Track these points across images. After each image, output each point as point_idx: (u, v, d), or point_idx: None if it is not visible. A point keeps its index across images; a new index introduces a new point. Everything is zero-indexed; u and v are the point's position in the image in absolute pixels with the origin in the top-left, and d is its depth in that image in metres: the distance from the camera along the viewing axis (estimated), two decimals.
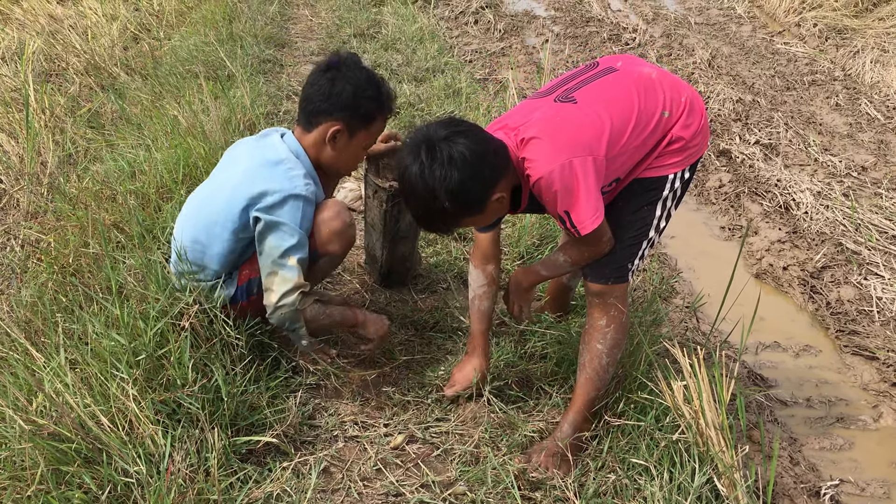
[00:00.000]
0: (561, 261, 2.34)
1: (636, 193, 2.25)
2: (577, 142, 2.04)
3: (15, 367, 2.28)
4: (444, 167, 1.96)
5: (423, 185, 1.98)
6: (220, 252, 2.51)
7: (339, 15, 7.21)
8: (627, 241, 2.27)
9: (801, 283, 3.68)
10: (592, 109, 2.10)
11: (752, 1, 8.36)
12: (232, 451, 2.27)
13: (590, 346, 2.35)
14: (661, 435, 2.26)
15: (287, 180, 2.42)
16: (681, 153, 2.20)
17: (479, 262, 2.54)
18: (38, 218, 3.65)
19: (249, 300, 2.61)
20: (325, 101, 2.46)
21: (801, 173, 4.59)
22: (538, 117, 2.11)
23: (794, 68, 6.43)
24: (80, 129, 4.55)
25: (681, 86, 2.25)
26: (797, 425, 2.88)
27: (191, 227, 2.55)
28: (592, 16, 7.74)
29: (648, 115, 2.13)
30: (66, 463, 2.04)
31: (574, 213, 2.06)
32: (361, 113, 2.48)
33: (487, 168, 2.01)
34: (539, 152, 2.05)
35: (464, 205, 2.03)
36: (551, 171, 2.01)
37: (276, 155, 2.46)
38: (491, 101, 5.35)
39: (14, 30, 6.30)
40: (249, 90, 4.71)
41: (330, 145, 2.50)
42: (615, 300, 2.31)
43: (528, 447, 2.45)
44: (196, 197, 2.63)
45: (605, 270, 2.29)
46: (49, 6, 7.05)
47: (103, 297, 2.60)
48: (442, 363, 2.81)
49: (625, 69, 2.23)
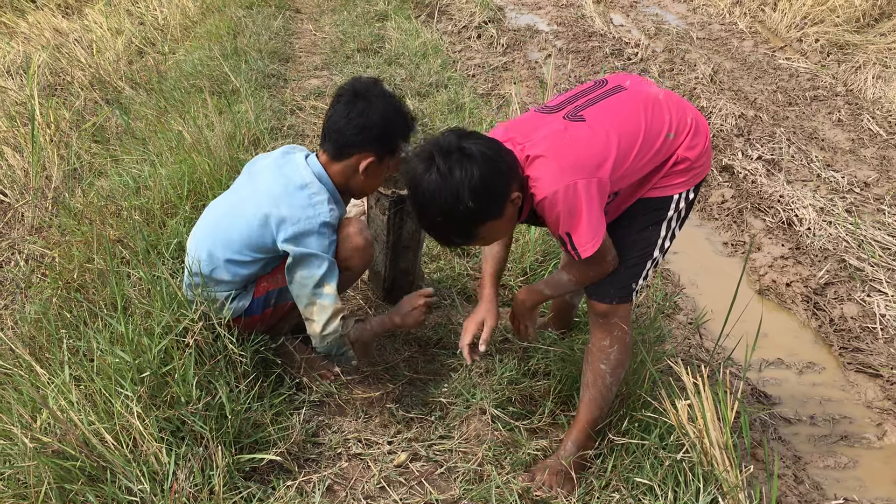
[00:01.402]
0: (565, 280, 2.33)
1: (641, 213, 2.26)
2: (583, 163, 2.03)
3: (19, 384, 2.28)
4: (462, 166, 1.94)
5: (444, 189, 1.95)
6: (236, 265, 2.52)
7: (343, 30, 7.24)
8: (632, 261, 2.27)
9: (805, 299, 3.68)
10: (602, 129, 2.09)
11: (753, 16, 8.39)
12: (236, 469, 2.26)
13: (593, 366, 2.35)
14: (665, 454, 2.25)
15: (311, 207, 2.43)
16: (686, 174, 2.20)
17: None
18: (42, 233, 3.67)
19: (264, 313, 2.62)
20: (357, 135, 2.47)
21: (803, 189, 4.60)
22: (545, 134, 2.10)
23: (796, 84, 6.45)
24: (85, 143, 4.57)
25: (686, 107, 2.25)
26: (801, 443, 2.88)
27: (207, 239, 2.56)
28: (595, 31, 7.78)
29: (654, 136, 2.13)
30: (70, 481, 2.04)
31: (575, 235, 2.06)
32: (392, 145, 2.53)
33: (504, 163, 2.01)
34: (544, 171, 2.04)
35: (487, 202, 1.99)
36: (555, 192, 2.00)
37: (301, 179, 2.48)
38: (494, 115, 5.37)
39: (20, 43, 6.35)
40: (254, 105, 4.74)
41: (362, 174, 2.53)
42: (619, 320, 2.30)
43: (532, 465, 2.44)
44: (215, 210, 2.64)
45: (610, 290, 2.28)
46: (55, 20, 7.10)
47: (108, 313, 2.61)
48: (446, 380, 2.81)
49: (633, 89, 2.24)
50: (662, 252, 2.33)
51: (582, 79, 6.46)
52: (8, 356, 2.55)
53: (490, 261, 2.58)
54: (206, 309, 2.50)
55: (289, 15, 8.02)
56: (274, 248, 2.48)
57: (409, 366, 2.91)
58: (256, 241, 2.47)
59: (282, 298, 2.62)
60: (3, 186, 4.06)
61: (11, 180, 4.07)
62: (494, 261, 2.58)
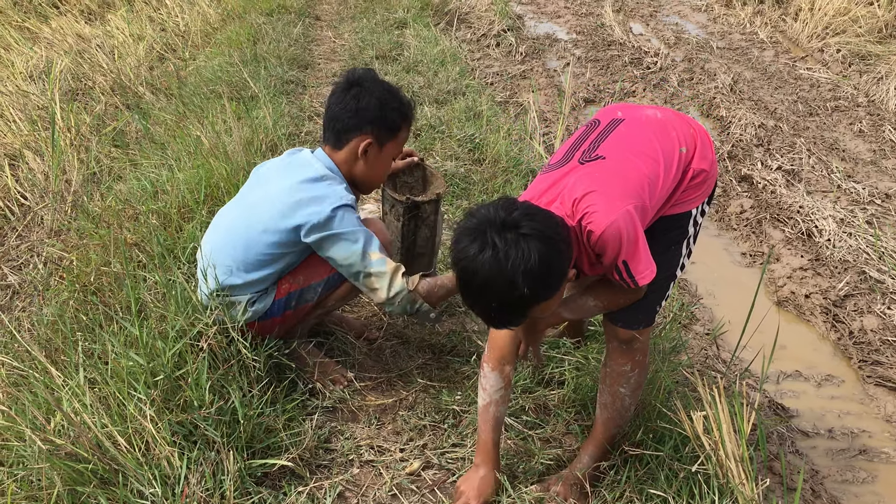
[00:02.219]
0: (591, 305, 2.20)
1: (662, 233, 2.18)
2: (628, 190, 1.96)
3: (34, 386, 2.29)
4: (519, 249, 1.74)
5: (499, 275, 1.75)
6: (256, 266, 2.53)
7: (362, 37, 7.27)
8: (657, 284, 2.14)
9: (824, 311, 3.64)
10: (625, 159, 2.03)
11: (774, 26, 8.34)
12: (247, 474, 2.26)
13: (612, 388, 2.31)
14: (679, 465, 2.23)
15: (332, 192, 2.48)
16: (702, 186, 2.17)
17: (497, 362, 2.27)
18: (61, 236, 3.70)
19: (284, 315, 2.63)
20: (353, 118, 2.53)
21: (823, 200, 4.55)
22: (577, 178, 2.00)
23: (816, 94, 6.40)
24: (105, 147, 4.60)
25: (684, 119, 2.21)
26: (819, 457, 2.84)
27: (225, 244, 2.56)
28: (614, 39, 7.75)
29: (670, 156, 2.08)
30: (82, 483, 2.04)
31: (633, 262, 1.97)
32: (388, 124, 2.56)
33: (562, 242, 1.84)
34: (598, 204, 1.93)
35: (544, 286, 1.82)
36: (614, 221, 1.90)
37: (315, 171, 2.53)
38: (511, 123, 5.36)
39: (42, 48, 6.41)
40: (272, 111, 4.75)
41: (362, 159, 2.57)
42: (641, 345, 2.25)
43: (545, 474, 2.43)
44: (227, 216, 2.65)
45: (638, 316, 2.22)
46: (77, 26, 7.17)
47: (123, 316, 2.62)
48: (459, 388, 2.80)
49: (629, 118, 2.17)
50: (682, 270, 2.30)
51: (600, 87, 6.44)
52: (24, 357, 2.57)
53: (493, 426, 2.30)
54: (222, 314, 2.51)
55: (308, 22, 8.06)
56: (297, 241, 2.49)
57: (422, 373, 2.90)
58: (278, 237, 2.48)
59: (302, 300, 2.62)
60: (24, 190, 4.10)
61: (32, 184, 4.11)
62: (498, 427, 2.31)
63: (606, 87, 6.47)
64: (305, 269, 2.59)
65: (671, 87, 6.47)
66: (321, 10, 8.89)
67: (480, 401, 2.31)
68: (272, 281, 2.58)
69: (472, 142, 4.82)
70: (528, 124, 5.13)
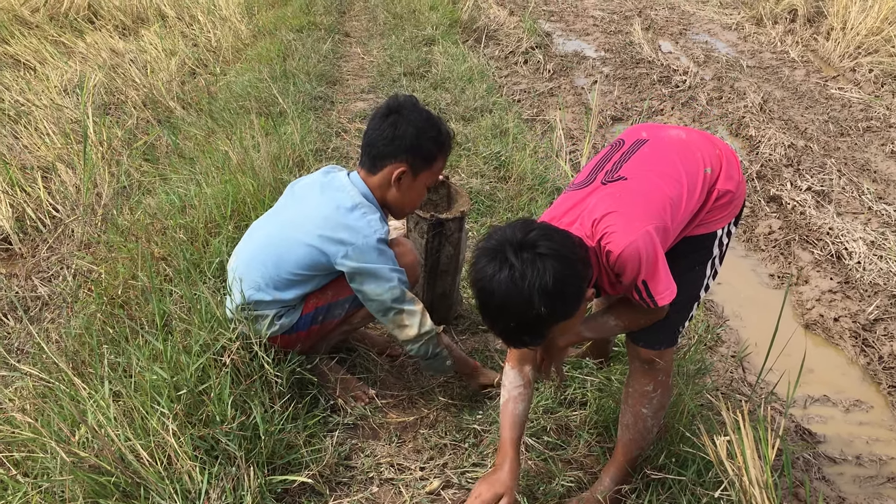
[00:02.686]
0: (612, 324, 2.20)
1: (686, 253, 2.17)
2: (649, 211, 1.96)
3: (60, 398, 2.32)
4: (535, 268, 1.75)
5: (516, 294, 1.76)
6: (286, 285, 2.55)
7: (391, 54, 7.32)
8: (679, 305, 2.14)
9: (853, 335, 3.58)
10: (647, 180, 2.03)
11: (806, 45, 8.27)
12: (268, 489, 2.27)
13: (634, 409, 2.29)
14: (702, 490, 2.20)
15: (366, 225, 2.47)
16: (728, 206, 2.15)
17: (517, 362, 2.30)
18: (90, 248, 3.75)
19: (310, 330, 2.64)
20: (388, 145, 2.52)
21: (854, 221, 4.49)
22: (599, 199, 2.01)
23: (848, 114, 6.33)
24: (136, 161, 4.67)
25: (709, 139, 2.20)
26: (846, 484, 2.79)
27: (256, 260, 2.58)
28: (643, 57, 7.74)
29: (694, 177, 2.07)
30: (104, 496, 2.06)
31: (653, 283, 1.96)
32: (424, 154, 2.54)
33: (579, 262, 1.83)
34: (617, 224, 1.93)
35: (561, 306, 1.81)
36: (634, 241, 1.90)
37: (351, 200, 2.51)
38: (538, 141, 5.36)
39: (77, 63, 6.53)
40: (300, 127, 4.80)
41: (395, 186, 2.56)
42: (663, 365, 2.24)
43: (566, 496, 2.41)
44: (261, 231, 2.67)
45: (659, 336, 2.21)
46: (111, 41, 7.29)
47: (149, 330, 2.65)
48: (481, 407, 2.79)
49: (654, 137, 2.17)
50: (706, 291, 2.28)
51: (628, 105, 6.43)
52: (52, 369, 2.60)
53: (511, 423, 2.27)
54: (248, 329, 2.53)
55: (338, 39, 8.13)
56: (330, 267, 2.51)
57: (444, 391, 2.90)
58: (312, 261, 2.50)
59: (329, 315, 2.64)
60: (56, 202, 4.16)
61: (64, 196, 4.18)
62: (516, 424, 2.28)
63: (634, 105, 6.45)
64: (334, 285, 2.60)
65: (700, 106, 6.43)
66: (350, 26, 8.97)
67: (501, 399, 2.34)
68: (301, 299, 2.60)
69: (497, 159, 4.83)
70: (555, 142, 5.12)
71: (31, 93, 5.58)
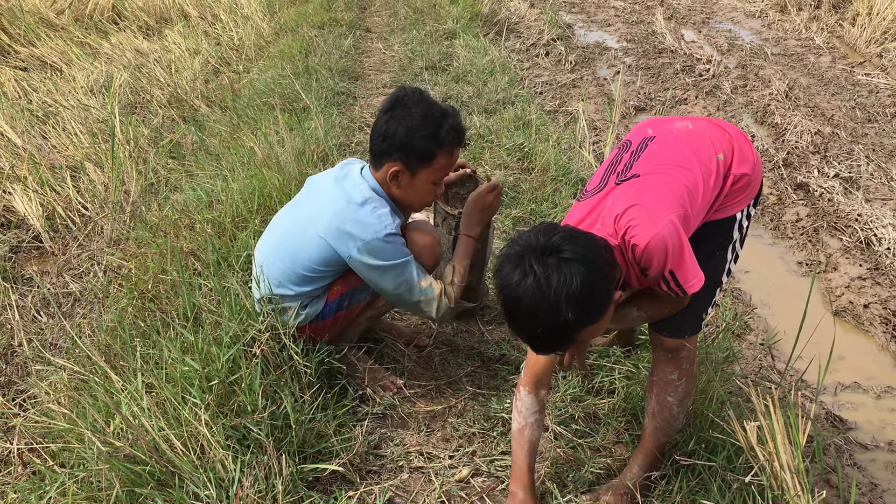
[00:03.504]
0: (634, 315, 2.19)
1: (707, 239, 2.16)
2: (668, 200, 1.95)
3: (95, 390, 2.36)
4: (561, 274, 1.72)
5: (543, 301, 1.73)
6: (304, 280, 2.57)
7: (412, 48, 7.33)
8: (702, 291, 2.10)
9: (884, 321, 3.54)
10: (662, 172, 2.02)
11: (831, 31, 8.17)
12: (299, 478, 2.29)
13: (659, 397, 2.29)
14: (732, 476, 2.19)
15: (377, 220, 2.47)
16: (745, 189, 2.14)
17: (533, 385, 2.26)
18: (120, 245, 3.79)
19: (336, 316, 2.67)
20: (381, 143, 2.50)
21: (883, 208, 4.44)
22: (616, 197, 2.01)
23: (875, 100, 6.25)
24: (162, 159, 4.72)
25: (718, 125, 2.19)
26: (878, 470, 2.77)
27: (274, 256, 2.61)
28: (665, 47, 7.69)
29: (707, 164, 2.06)
30: (140, 485, 2.09)
31: (681, 272, 1.95)
32: (418, 153, 2.47)
33: (606, 265, 1.82)
34: (640, 217, 1.92)
35: (588, 310, 1.79)
36: (658, 232, 1.89)
37: (361, 195, 2.51)
38: (561, 132, 5.35)
39: (103, 63, 6.60)
40: (323, 122, 4.82)
41: (394, 184, 2.54)
42: (687, 353, 2.23)
43: (594, 483, 2.41)
44: (280, 226, 2.70)
45: (683, 325, 2.20)
46: (136, 41, 7.37)
47: (179, 323, 2.68)
48: (508, 396, 2.80)
49: (660, 133, 2.16)
50: (728, 276, 2.27)
51: (651, 95, 6.39)
52: (85, 363, 2.65)
53: (528, 450, 2.26)
54: (274, 319, 2.56)
55: (359, 34, 8.16)
56: (342, 263, 2.52)
57: (471, 381, 2.91)
58: (325, 257, 2.51)
59: (354, 300, 2.66)
60: (85, 200, 4.22)
61: (92, 195, 4.23)
62: (533, 451, 2.28)
63: (657, 94, 6.41)
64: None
65: (724, 95, 6.38)
66: (371, 22, 8.99)
67: (515, 424, 2.30)
68: (323, 289, 2.62)
69: (521, 151, 4.82)
70: (578, 133, 5.11)
71: (58, 94, 5.65)
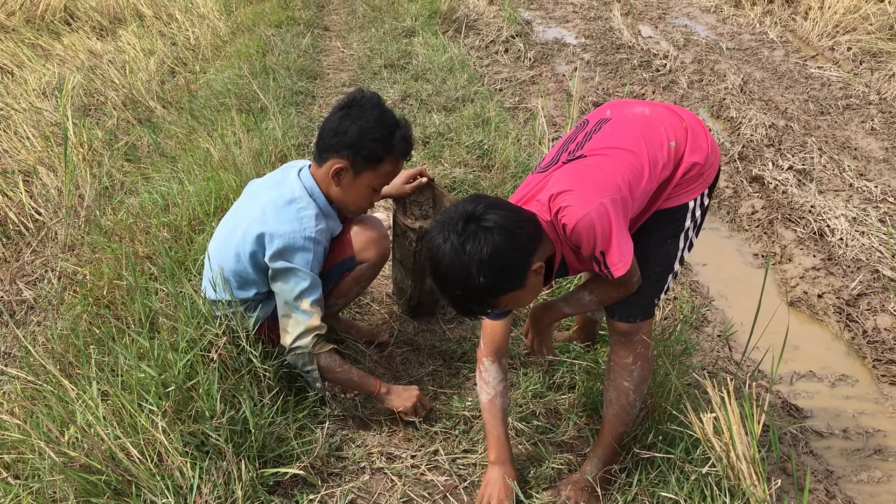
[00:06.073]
0: (587, 300, 2.27)
1: (658, 227, 2.22)
2: (604, 184, 2.01)
3: (48, 400, 2.32)
4: (476, 240, 1.85)
5: (457, 263, 1.86)
6: (245, 286, 2.56)
7: (371, 46, 7.30)
8: (653, 277, 2.22)
9: (837, 311, 3.61)
10: (606, 155, 2.08)
11: (784, 26, 8.31)
12: (259, 483, 2.27)
13: (616, 383, 2.32)
14: (691, 467, 2.22)
15: (297, 221, 2.45)
16: (697, 178, 2.18)
17: (494, 355, 2.35)
18: (74, 250, 3.73)
19: None
20: (332, 138, 2.48)
21: (835, 199, 4.53)
22: (558, 177, 2.07)
23: (827, 92, 6.37)
24: (118, 162, 4.65)
25: (676, 113, 2.23)
26: (833, 457, 2.82)
27: (216, 261, 2.59)
28: (623, 43, 7.75)
29: (656, 150, 2.10)
30: (96, 495, 2.06)
31: (609, 254, 2.01)
32: (365, 153, 2.46)
33: (524, 236, 1.92)
34: (572, 199, 1.99)
35: (502, 277, 1.90)
36: (587, 213, 1.95)
37: (291, 193, 2.50)
38: (520, 129, 5.36)
39: (55, 65, 6.49)
40: (281, 122, 4.78)
41: (335, 182, 2.52)
42: (641, 336, 2.27)
43: (556, 479, 2.42)
44: (222, 230, 2.67)
45: (633, 309, 2.24)
46: (89, 42, 7.25)
47: (135, 329, 2.65)
48: (469, 394, 2.80)
49: (616, 115, 2.21)
50: (681, 263, 2.30)
51: (609, 91, 6.44)
52: (39, 372, 2.60)
53: (502, 419, 2.35)
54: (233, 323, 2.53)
55: (317, 33, 8.11)
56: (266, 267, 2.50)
57: (433, 380, 2.91)
58: (255, 261, 2.50)
59: None
60: (38, 205, 4.14)
61: (46, 199, 4.15)
62: (505, 419, 2.37)
63: (616, 90, 6.47)
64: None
65: (680, 90, 6.45)
66: (330, 20, 8.94)
67: (484, 396, 2.36)
68: (265, 294, 2.60)
69: (480, 148, 4.83)
70: (537, 129, 5.12)
71: (9, 97, 5.54)
